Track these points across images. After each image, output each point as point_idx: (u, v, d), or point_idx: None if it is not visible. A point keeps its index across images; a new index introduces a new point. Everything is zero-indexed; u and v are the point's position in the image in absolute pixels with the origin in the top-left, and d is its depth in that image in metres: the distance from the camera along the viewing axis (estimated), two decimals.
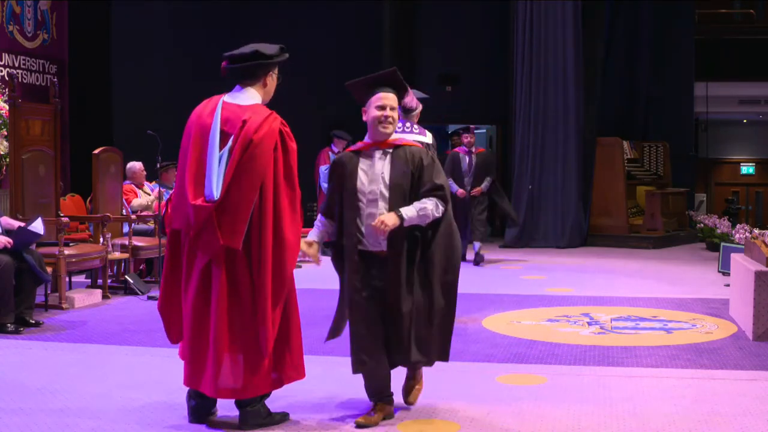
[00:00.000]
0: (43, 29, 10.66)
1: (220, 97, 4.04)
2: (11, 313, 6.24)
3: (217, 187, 3.86)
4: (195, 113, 4.03)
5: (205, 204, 3.86)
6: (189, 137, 3.99)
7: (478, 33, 14.06)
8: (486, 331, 6.36)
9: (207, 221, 3.84)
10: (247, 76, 4.02)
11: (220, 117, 3.94)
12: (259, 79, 4.04)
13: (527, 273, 9.78)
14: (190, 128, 4.00)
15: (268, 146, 3.87)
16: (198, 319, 3.93)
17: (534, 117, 12.84)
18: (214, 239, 3.84)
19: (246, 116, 3.90)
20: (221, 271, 3.87)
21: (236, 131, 3.88)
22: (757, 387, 4.80)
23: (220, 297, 3.87)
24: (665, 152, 14.30)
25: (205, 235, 3.87)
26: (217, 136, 3.91)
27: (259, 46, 4.01)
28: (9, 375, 5.04)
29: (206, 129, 3.94)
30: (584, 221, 12.88)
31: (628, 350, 5.73)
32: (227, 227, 3.84)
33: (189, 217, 3.89)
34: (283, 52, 4.09)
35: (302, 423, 4.11)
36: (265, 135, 3.87)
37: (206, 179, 3.88)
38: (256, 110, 3.94)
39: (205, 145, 3.92)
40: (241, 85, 4.04)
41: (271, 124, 3.91)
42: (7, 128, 8.23)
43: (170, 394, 4.52)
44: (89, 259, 7.67)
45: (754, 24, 17.71)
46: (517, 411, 4.30)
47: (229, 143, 3.88)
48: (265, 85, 4.07)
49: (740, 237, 8.94)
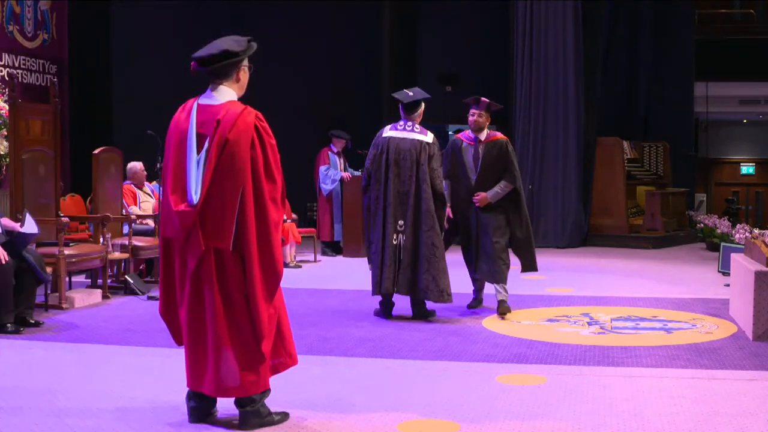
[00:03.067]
0: (43, 29, 10.66)
1: (194, 101, 4.04)
2: (11, 313, 6.24)
3: (196, 191, 3.87)
4: (173, 120, 4.05)
5: (188, 209, 3.87)
6: (169, 144, 4.01)
7: (478, 33, 14.06)
8: (486, 331, 6.36)
9: (192, 225, 3.86)
10: (220, 75, 4.00)
11: (195, 120, 3.95)
12: (231, 76, 4.02)
13: (527, 273, 9.75)
14: (170, 136, 4.03)
15: (244, 144, 3.87)
16: (194, 322, 3.95)
17: (534, 117, 12.84)
18: (199, 242, 3.86)
19: (220, 115, 3.90)
20: (212, 273, 3.89)
21: (211, 132, 3.89)
22: (757, 387, 4.80)
23: (214, 298, 3.88)
24: (665, 152, 14.30)
25: (191, 239, 3.89)
26: (193, 140, 3.92)
27: (226, 45, 3.97)
28: (9, 375, 5.04)
29: (184, 134, 3.95)
30: (584, 221, 12.88)
31: (628, 350, 5.72)
32: (212, 229, 3.86)
33: (176, 224, 3.91)
34: (251, 44, 4.06)
35: (302, 423, 4.11)
36: (240, 132, 3.87)
37: (187, 184, 3.90)
38: (230, 108, 3.93)
39: (183, 150, 3.93)
40: (213, 85, 4.02)
41: (246, 119, 3.89)
42: (7, 128, 8.22)
43: (170, 394, 4.52)
44: (89, 259, 7.67)
45: (754, 24, 17.71)
46: (517, 411, 4.30)
47: (205, 145, 3.89)
48: (238, 80, 4.05)
49: (740, 237, 8.94)
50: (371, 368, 5.17)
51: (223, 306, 3.90)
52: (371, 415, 4.23)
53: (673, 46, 14.59)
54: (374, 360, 5.38)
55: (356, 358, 5.46)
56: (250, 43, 4.06)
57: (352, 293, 8.11)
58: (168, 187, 3.95)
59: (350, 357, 5.49)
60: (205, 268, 3.90)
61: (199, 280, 3.92)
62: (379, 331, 6.27)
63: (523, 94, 12.92)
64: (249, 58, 4.07)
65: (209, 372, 3.93)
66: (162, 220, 4.06)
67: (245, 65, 4.07)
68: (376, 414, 4.24)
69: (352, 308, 7.22)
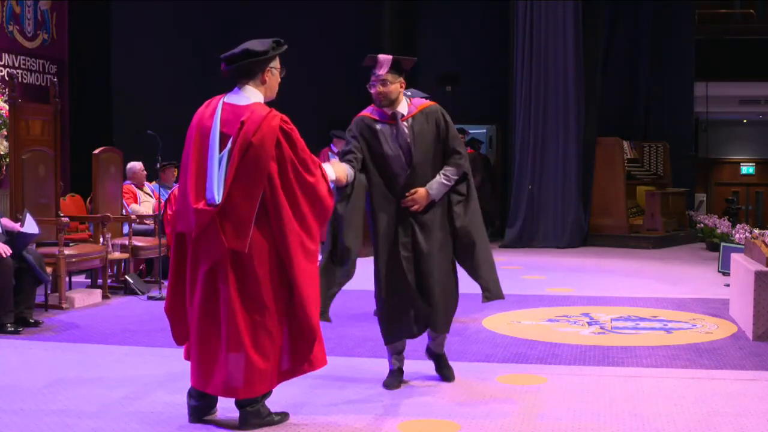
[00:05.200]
0: (43, 29, 10.66)
1: (220, 98, 4.02)
2: (11, 313, 6.24)
3: (218, 190, 3.85)
4: (197, 116, 4.03)
5: (207, 208, 3.85)
6: (191, 140, 3.98)
7: (478, 33, 14.06)
8: (486, 331, 6.36)
9: (209, 225, 3.84)
10: (243, 75, 4.00)
11: (219, 119, 3.92)
12: (256, 77, 4.01)
13: (527, 273, 9.78)
14: (192, 131, 4.00)
15: (268, 147, 3.84)
16: (206, 321, 3.92)
17: (534, 117, 12.83)
18: (218, 243, 3.83)
19: (245, 117, 3.88)
20: (228, 273, 3.86)
21: (235, 133, 3.87)
22: (757, 387, 4.80)
23: (231, 298, 3.85)
24: (665, 152, 14.30)
25: (208, 238, 3.86)
26: (216, 138, 3.90)
27: (249, 44, 3.99)
28: (9, 375, 5.04)
29: (207, 131, 3.93)
30: (584, 221, 12.88)
31: (628, 350, 5.72)
32: (231, 230, 3.83)
33: (191, 220, 3.88)
34: (279, 46, 4.05)
35: (302, 423, 4.11)
36: (264, 136, 3.85)
37: (207, 182, 3.88)
38: (255, 110, 3.92)
39: (205, 147, 3.91)
40: (239, 85, 4.02)
41: (270, 122, 3.88)
42: (7, 128, 8.22)
43: (170, 394, 4.52)
44: (89, 259, 7.67)
45: (754, 24, 17.72)
46: (517, 411, 4.30)
47: (228, 145, 3.88)
48: (264, 82, 4.03)
49: (740, 237, 8.94)
50: (371, 368, 5.17)
51: (242, 306, 3.87)
52: (371, 415, 4.23)
53: (673, 46, 14.59)
54: (374, 360, 5.38)
55: (356, 358, 5.46)
56: (278, 45, 4.05)
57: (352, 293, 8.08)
58: (188, 183, 3.90)
59: (350, 357, 5.49)
60: (222, 268, 3.87)
61: (214, 280, 3.89)
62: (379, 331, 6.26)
63: (523, 94, 12.91)
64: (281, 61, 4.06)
65: (218, 372, 3.90)
66: (176, 214, 4.02)
67: (274, 67, 4.05)
68: (376, 414, 4.24)
69: (352, 308, 7.22)
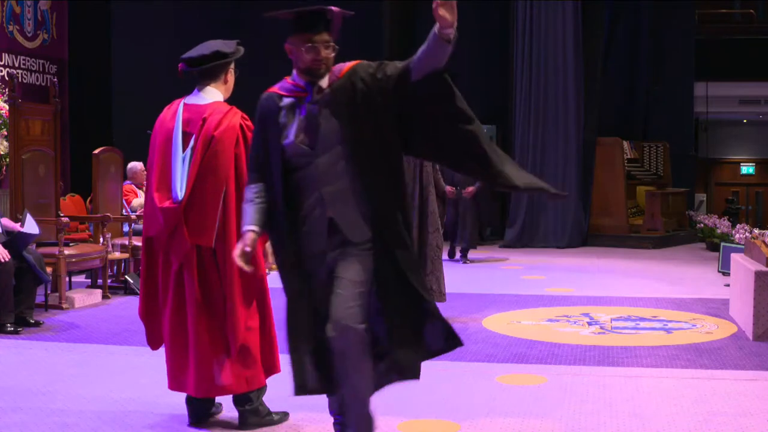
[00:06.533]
0: (43, 29, 10.66)
1: (180, 101, 4.07)
2: (11, 313, 6.24)
3: (181, 187, 3.88)
4: (159, 119, 4.08)
5: (172, 206, 3.88)
6: (154, 145, 4.03)
7: (478, 33, 14.05)
8: (486, 331, 6.36)
9: (176, 223, 3.87)
10: (209, 76, 4.03)
11: (181, 119, 3.96)
12: (219, 78, 4.05)
13: (527, 273, 9.78)
14: (155, 135, 4.05)
15: (229, 142, 3.89)
16: (176, 323, 3.95)
17: (534, 117, 12.84)
18: (183, 239, 3.87)
19: (206, 114, 3.93)
20: (193, 273, 3.89)
21: (197, 130, 3.91)
22: (757, 387, 4.80)
23: (195, 298, 3.88)
24: (665, 152, 14.30)
25: (176, 236, 3.89)
26: (179, 137, 3.94)
27: (217, 46, 4.02)
28: (9, 375, 5.04)
29: (169, 133, 3.97)
30: (584, 221, 12.88)
31: (628, 350, 5.73)
32: (196, 225, 3.87)
33: (160, 221, 3.91)
34: (239, 47, 4.11)
35: (302, 423, 4.11)
36: (225, 130, 3.89)
37: (171, 181, 3.91)
38: (217, 107, 3.96)
39: (168, 148, 3.96)
40: (200, 86, 4.05)
41: (231, 119, 3.93)
42: (7, 128, 8.23)
43: (171, 395, 4.51)
44: (89, 259, 7.67)
45: (754, 24, 17.71)
46: (517, 411, 4.30)
47: (191, 143, 3.91)
48: (226, 82, 4.09)
49: (740, 237, 8.94)
50: None
51: (205, 306, 3.88)
52: None
53: (673, 46, 14.58)
54: None
55: None
56: (239, 47, 4.11)
57: None
58: (153, 185, 3.95)
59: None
60: (188, 268, 3.90)
61: (181, 280, 3.92)
62: None
63: (523, 94, 12.91)
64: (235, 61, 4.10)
65: (190, 373, 3.92)
66: (145, 219, 4.07)
67: (232, 68, 4.11)
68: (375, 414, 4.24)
69: None
